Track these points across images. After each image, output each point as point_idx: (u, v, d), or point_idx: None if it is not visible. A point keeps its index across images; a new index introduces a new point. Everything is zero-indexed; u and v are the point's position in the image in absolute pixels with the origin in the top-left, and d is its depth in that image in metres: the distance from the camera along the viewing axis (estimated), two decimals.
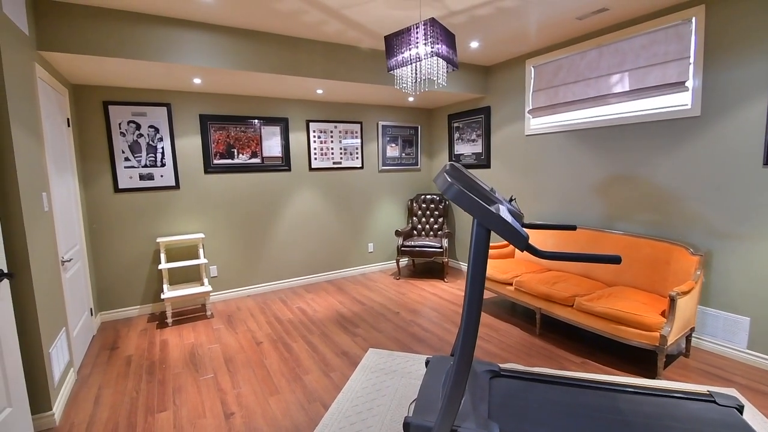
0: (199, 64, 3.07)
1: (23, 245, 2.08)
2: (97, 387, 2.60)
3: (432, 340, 3.12)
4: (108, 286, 3.76)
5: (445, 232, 4.73)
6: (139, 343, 3.25)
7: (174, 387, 2.56)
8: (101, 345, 3.24)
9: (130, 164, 3.77)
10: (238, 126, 4.23)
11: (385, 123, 5.17)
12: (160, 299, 3.98)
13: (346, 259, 5.05)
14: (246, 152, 4.30)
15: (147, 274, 3.90)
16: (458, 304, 3.94)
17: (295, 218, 4.64)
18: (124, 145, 3.74)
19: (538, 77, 4.06)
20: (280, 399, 2.38)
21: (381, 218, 5.27)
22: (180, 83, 3.63)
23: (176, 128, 3.95)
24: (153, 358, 2.97)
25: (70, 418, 2.28)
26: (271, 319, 3.69)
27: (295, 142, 4.58)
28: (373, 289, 4.50)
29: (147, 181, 3.85)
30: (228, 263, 4.28)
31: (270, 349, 3.07)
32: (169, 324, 3.61)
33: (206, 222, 4.15)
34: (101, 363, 2.93)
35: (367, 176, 5.11)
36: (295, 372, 2.70)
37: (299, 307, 3.99)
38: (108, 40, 2.77)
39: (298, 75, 3.48)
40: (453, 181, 1.58)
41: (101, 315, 3.75)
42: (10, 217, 2.04)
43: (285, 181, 4.55)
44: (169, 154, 3.92)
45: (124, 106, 3.72)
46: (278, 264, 4.58)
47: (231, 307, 4.04)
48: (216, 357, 2.95)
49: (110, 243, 3.74)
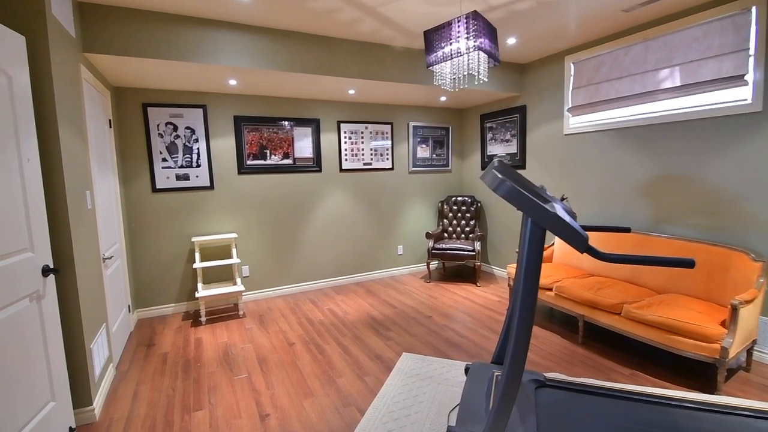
0: (234, 64, 3.09)
1: (68, 242, 2.12)
2: (135, 383, 2.63)
3: (468, 346, 3.01)
4: (145, 283, 3.83)
5: (477, 234, 4.60)
6: (175, 340, 3.29)
7: (209, 386, 2.56)
8: (138, 341, 3.29)
9: (167, 165, 3.84)
10: (270, 127, 4.25)
11: (416, 123, 5.10)
12: (194, 298, 4.03)
13: (376, 261, 4.99)
14: (278, 153, 4.32)
15: (182, 272, 3.96)
16: (493, 309, 3.81)
17: (325, 219, 4.62)
18: (161, 146, 3.81)
19: (578, 74, 3.89)
20: (315, 402, 2.33)
21: (411, 220, 5.19)
22: (216, 85, 3.68)
23: (211, 129, 4.00)
24: (188, 356, 2.99)
25: (110, 413, 2.30)
26: (302, 320, 3.66)
27: (326, 143, 4.57)
28: (404, 292, 4.42)
29: (183, 182, 3.91)
30: (259, 263, 4.30)
31: (302, 350, 3.03)
32: (203, 322, 3.65)
33: (239, 222, 4.18)
34: (138, 359, 2.97)
35: (398, 177, 5.05)
36: (328, 374, 2.65)
37: (329, 308, 3.95)
38: (148, 41, 2.83)
39: (333, 75, 3.46)
40: (504, 177, 1.49)
41: (138, 312, 3.83)
42: (57, 213, 2.08)
43: (316, 182, 4.54)
44: (205, 154, 3.98)
45: (162, 107, 3.80)
46: (308, 265, 4.57)
47: (262, 307, 4.04)
48: (249, 357, 2.94)
49: (147, 242, 3.82)
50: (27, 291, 1.82)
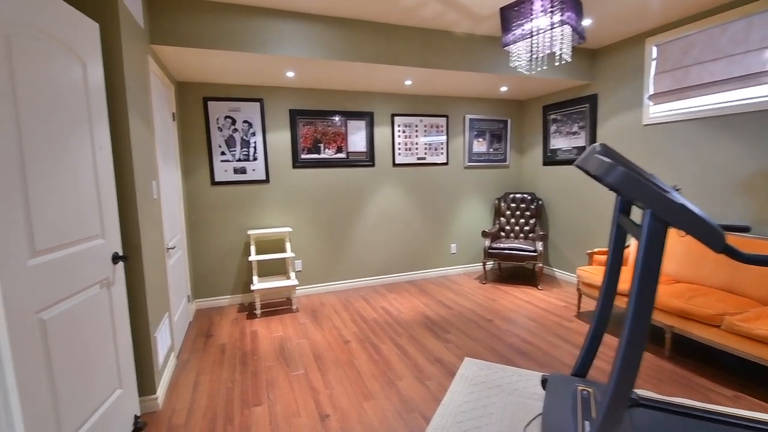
0: (293, 54, 3.03)
1: (136, 230, 2.13)
2: (195, 373, 2.64)
3: (536, 354, 2.77)
4: (203, 274, 3.90)
5: (539, 234, 4.29)
6: (231, 332, 3.30)
7: (267, 380, 2.50)
8: (197, 331, 3.34)
9: (225, 158, 3.89)
10: (325, 120, 4.20)
11: (473, 116, 4.85)
12: (249, 290, 4.06)
13: (428, 259, 4.81)
14: (332, 147, 4.25)
15: (237, 265, 4.00)
16: (559, 314, 3.51)
17: (377, 215, 4.51)
18: (220, 139, 3.86)
19: (662, 57, 3.49)
20: (376, 405, 2.20)
21: (465, 218, 4.95)
22: (273, 78, 3.66)
23: (268, 123, 4.00)
24: (245, 349, 2.98)
25: (172, 403, 2.30)
26: (355, 317, 3.56)
27: (379, 136, 4.45)
28: (459, 292, 4.21)
29: (240, 175, 3.94)
30: (312, 258, 4.26)
31: (358, 348, 2.92)
32: (258, 315, 3.65)
33: (293, 216, 4.16)
34: (198, 349, 2.99)
35: (452, 173, 4.84)
36: (387, 376, 2.51)
37: (382, 306, 3.83)
38: (212, 32, 2.82)
39: (393, 64, 3.32)
40: (614, 161, 1.27)
41: (196, 302, 3.91)
42: (126, 201, 2.10)
43: (368, 176, 4.43)
44: (261, 148, 3.99)
45: (222, 101, 3.84)
46: (359, 261, 4.48)
47: (314, 303, 4.00)
48: (305, 353, 2.88)
49: (206, 233, 3.88)
50: (98, 277, 1.82)
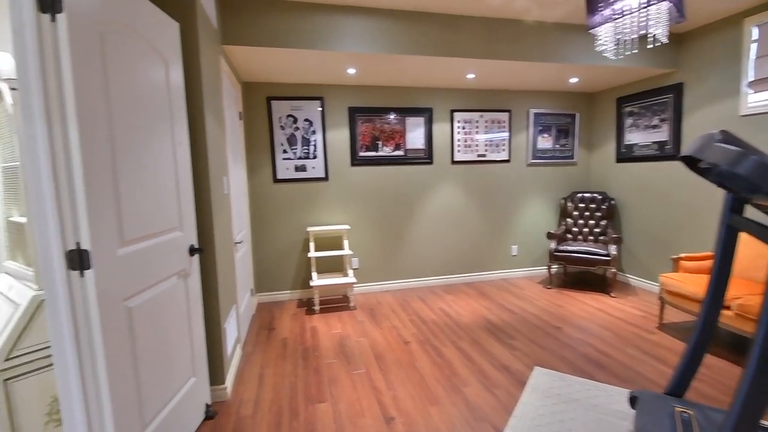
0: (356, 50, 3.01)
1: (210, 224, 2.20)
2: (259, 366, 2.69)
3: (615, 368, 2.53)
4: (265, 269, 4.01)
5: (613, 237, 3.96)
6: (292, 327, 3.35)
7: (329, 378, 2.49)
8: (259, 325, 3.43)
9: (287, 156, 3.97)
10: (383, 118, 4.16)
11: (538, 110, 4.59)
12: (308, 286, 4.12)
13: (487, 261, 4.62)
14: (390, 144, 4.21)
15: (297, 261, 4.07)
16: (637, 325, 3.20)
17: (434, 214, 4.40)
18: (282, 137, 3.95)
19: (764, 39, 3.07)
20: (442, 411, 2.11)
21: (527, 218, 4.70)
22: (334, 75, 3.67)
23: (328, 121, 4.04)
24: (306, 344, 3.00)
25: (239, 394, 2.35)
26: (413, 317, 3.48)
27: (438, 133, 4.33)
28: (521, 297, 3.99)
29: (300, 173, 4.01)
30: (368, 256, 4.24)
31: (419, 350, 2.84)
32: (317, 311, 3.68)
33: (350, 214, 4.17)
34: (261, 342, 3.06)
35: (514, 170, 4.61)
36: (451, 381, 2.41)
37: (441, 308, 3.72)
38: (278, 31, 2.87)
39: (456, 56, 3.21)
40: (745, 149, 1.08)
41: (258, 296, 4.02)
42: (201, 196, 2.16)
43: (426, 174, 4.34)
44: (321, 146, 4.03)
45: (284, 100, 3.92)
46: (416, 261, 4.39)
47: (371, 301, 3.97)
48: (365, 352, 2.84)
49: (268, 229, 3.99)
50: (177, 268, 1.89)
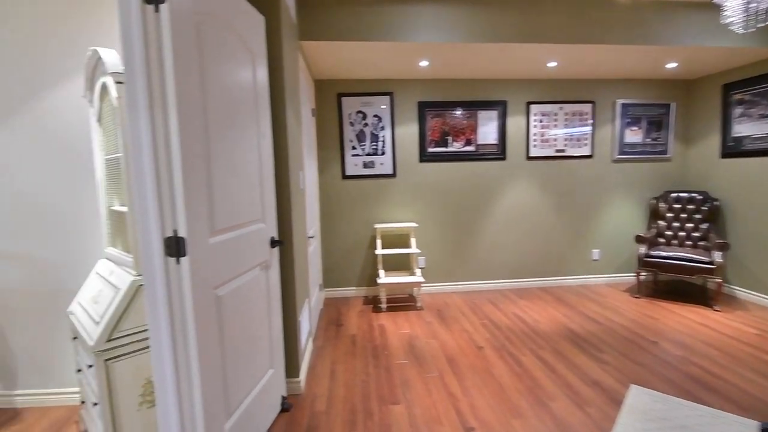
0: (430, 40, 2.89)
1: (288, 217, 2.20)
2: (330, 361, 2.67)
3: (731, 392, 2.17)
4: (332, 265, 4.04)
5: (717, 242, 3.47)
6: (360, 324, 3.32)
7: (401, 379, 2.40)
8: (328, 320, 3.43)
9: (355, 152, 3.95)
10: (454, 112, 4.00)
11: (626, 101, 4.17)
12: (373, 283, 4.08)
13: (564, 265, 4.28)
14: (460, 140, 4.04)
15: (363, 257, 4.05)
16: (752, 344, 2.76)
17: (507, 213, 4.15)
18: (351, 134, 3.94)
19: None
20: (527, 426, 1.93)
21: (611, 219, 4.29)
22: (405, 69, 3.58)
23: (396, 117, 3.96)
24: (375, 342, 2.94)
25: (312, 388, 2.34)
26: (485, 321, 3.30)
27: (512, 127, 4.09)
28: (606, 305, 3.63)
29: (368, 169, 3.98)
30: (436, 255, 4.11)
31: (494, 357, 2.66)
32: (383, 309, 3.62)
33: (418, 211, 4.06)
34: (331, 337, 3.06)
35: (597, 167, 4.22)
36: (534, 393, 2.21)
37: (514, 313, 3.49)
38: (352, 24, 2.83)
39: (539, 42, 2.97)
40: None
41: (325, 291, 4.06)
42: (282, 189, 2.17)
43: (499, 171, 4.11)
44: (389, 142, 3.97)
45: (354, 97, 3.91)
46: (486, 262, 4.18)
47: (438, 302, 3.83)
48: (436, 354, 2.72)
49: (336, 225, 4.00)
50: (260, 259, 1.90)
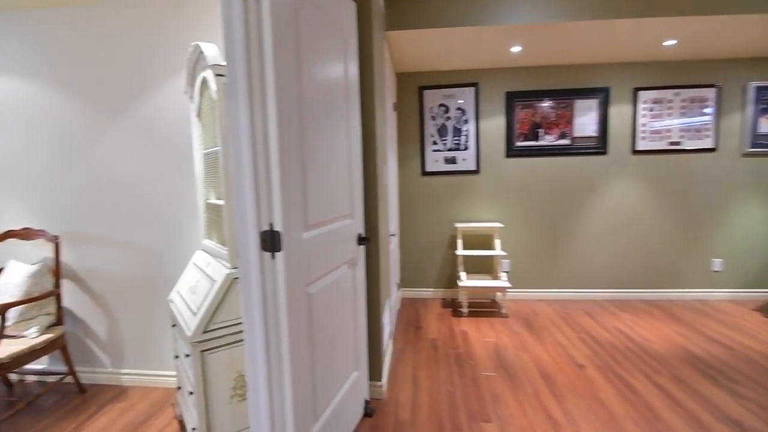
0: (526, 22, 2.62)
1: (375, 213, 2.10)
2: (412, 366, 2.54)
3: None
4: (409, 264, 3.91)
5: None
6: (440, 328, 3.15)
7: (491, 393, 2.19)
8: (406, 321, 3.31)
9: (436, 148, 3.78)
10: (546, 102, 3.65)
11: (761, 83, 3.49)
12: (452, 285, 3.88)
13: (676, 276, 3.71)
14: (553, 132, 3.67)
15: (442, 258, 3.86)
16: None
17: (606, 214, 3.70)
18: (433, 128, 3.77)
19: None
20: None
21: (740, 224, 3.62)
22: (493, 56, 3.33)
23: (481, 109, 3.71)
24: (457, 349, 2.75)
25: (395, 393, 2.23)
26: (583, 336, 2.94)
27: (616, 117, 3.62)
28: (734, 326, 3.06)
29: (450, 165, 3.78)
30: (522, 259, 3.79)
31: (599, 378, 2.33)
32: (464, 314, 3.41)
33: (503, 211, 3.77)
34: (410, 340, 2.93)
35: (722, 162, 3.59)
36: (655, 428, 1.87)
37: (617, 328, 3.07)
38: (439, 10, 2.66)
39: (655, 16, 2.56)
40: None
41: (401, 291, 3.94)
42: (369, 184, 2.08)
43: (598, 166, 3.67)
44: (473, 136, 3.73)
45: (436, 89, 3.74)
46: (580, 269, 3.76)
47: (524, 309, 3.52)
48: (529, 369, 2.46)
49: (414, 223, 3.87)
50: (347, 256, 1.82)
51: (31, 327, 2.09)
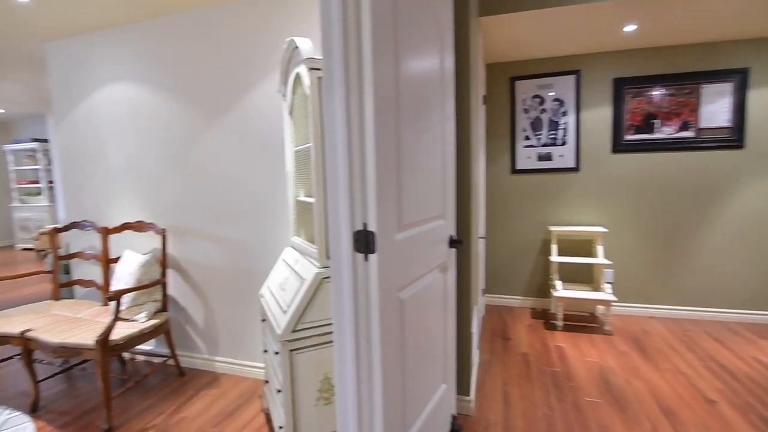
0: None
1: (468, 213, 1.93)
2: (501, 381, 2.32)
3: None
4: (495, 269, 3.65)
5: None
6: (530, 341, 2.87)
7: (598, 424, 1.90)
8: (492, 330, 3.08)
9: (529, 143, 3.47)
10: (664, 88, 3.15)
11: None
12: (543, 295, 3.54)
13: None
14: (673, 123, 3.16)
15: (532, 264, 3.54)
16: None
17: (741, 221, 3.08)
18: (525, 122, 3.47)
19: None
20: None
21: None
22: (600, 38, 2.94)
23: (583, 99, 3.32)
24: (553, 366, 2.47)
25: (484, 411, 2.04)
26: (710, 364, 2.47)
27: (757, 104, 3.00)
28: None
29: (544, 162, 3.45)
30: (629, 269, 3.32)
31: (738, 420, 1.91)
32: (559, 327, 3.08)
33: (607, 213, 3.34)
34: (497, 351, 2.70)
35: None
36: None
37: (756, 358, 2.53)
38: None
39: None
40: None
41: (486, 297, 3.70)
42: (462, 182, 1.92)
43: (731, 162, 3.07)
44: (572, 130, 3.35)
45: (530, 79, 3.43)
46: (703, 284, 3.19)
47: (632, 327, 3.08)
48: (644, 399, 2.10)
49: (502, 225, 3.60)
50: (439, 260, 1.68)
51: (141, 312, 2.27)
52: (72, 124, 2.78)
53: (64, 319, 2.24)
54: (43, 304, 2.50)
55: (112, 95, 2.62)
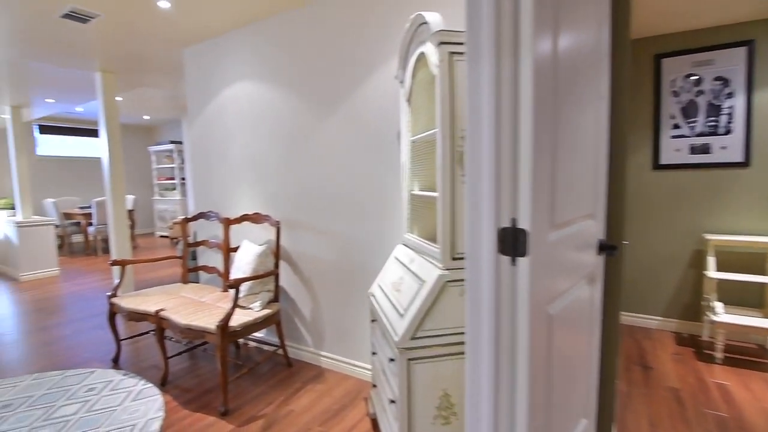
0: None
1: (621, 213, 1.59)
2: (647, 421, 1.90)
3: None
4: (630, 282, 3.11)
5: None
6: (681, 373, 2.34)
7: None
8: (626, 356, 2.60)
9: (679, 132, 2.88)
10: None
11: None
12: (692, 317, 2.91)
13: None
14: None
15: (678, 279, 2.94)
16: None
17: None
18: (675, 107, 2.88)
19: None
20: None
21: None
22: None
23: (757, 77, 2.64)
24: (717, 410, 1.96)
25: None
26: None
27: None
28: None
29: (698, 155, 2.83)
30: None
31: None
32: (718, 360, 2.48)
33: None
34: (637, 383, 2.25)
35: None
36: None
37: None
38: None
39: None
40: None
41: None
42: (615, 174, 1.58)
43: None
44: (741, 115, 2.69)
45: (682, 56, 2.84)
46: None
47: None
48: None
49: (640, 230, 3.05)
50: (587, 269, 1.38)
51: (256, 301, 2.33)
52: (201, 125, 3.02)
53: (191, 302, 2.40)
54: (175, 287, 2.73)
55: (236, 93, 2.77)
